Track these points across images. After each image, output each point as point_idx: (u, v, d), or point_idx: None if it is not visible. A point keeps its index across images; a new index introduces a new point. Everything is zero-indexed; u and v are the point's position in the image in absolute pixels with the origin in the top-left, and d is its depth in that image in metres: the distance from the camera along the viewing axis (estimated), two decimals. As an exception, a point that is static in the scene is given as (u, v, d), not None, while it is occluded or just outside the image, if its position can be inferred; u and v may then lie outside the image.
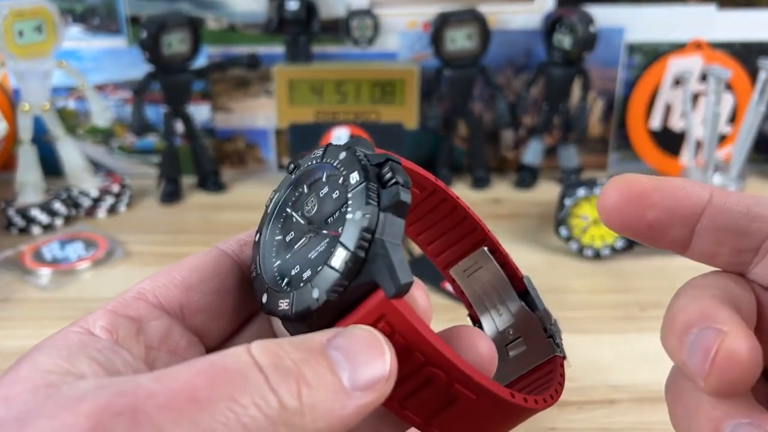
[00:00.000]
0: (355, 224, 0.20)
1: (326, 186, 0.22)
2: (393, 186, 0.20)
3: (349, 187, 0.21)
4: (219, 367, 0.17)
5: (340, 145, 0.22)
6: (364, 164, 0.21)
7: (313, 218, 0.22)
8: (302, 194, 0.23)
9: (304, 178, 0.23)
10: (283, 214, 0.23)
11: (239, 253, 0.24)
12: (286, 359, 0.18)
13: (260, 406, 0.17)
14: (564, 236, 0.70)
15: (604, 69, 0.90)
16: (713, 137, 0.81)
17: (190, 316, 0.22)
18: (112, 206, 0.83)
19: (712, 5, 0.87)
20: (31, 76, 0.78)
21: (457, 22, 0.82)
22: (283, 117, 0.87)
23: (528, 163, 0.90)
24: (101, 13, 0.88)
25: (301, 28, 0.86)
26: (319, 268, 0.20)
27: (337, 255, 0.20)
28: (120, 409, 0.16)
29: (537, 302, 0.28)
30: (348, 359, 0.18)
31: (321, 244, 0.21)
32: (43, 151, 0.82)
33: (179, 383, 0.17)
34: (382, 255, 0.19)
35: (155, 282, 0.22)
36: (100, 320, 0.21)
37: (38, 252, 0.71)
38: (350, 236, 0.20)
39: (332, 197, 0.22)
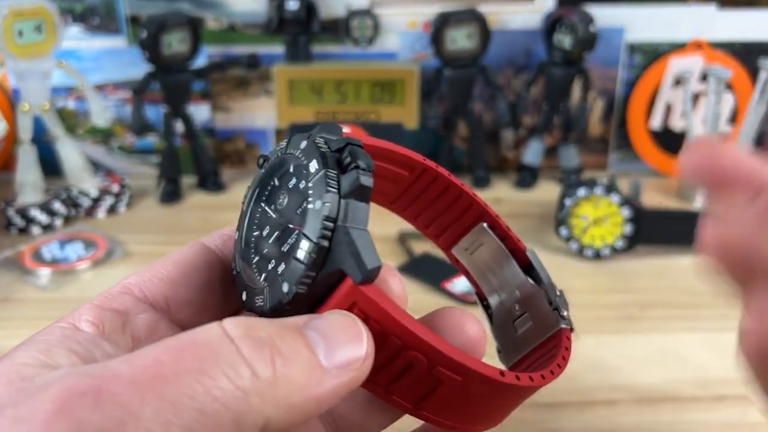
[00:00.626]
0: (316, 214, 0.19)
1: (294, 177, 0.22)
2: (353, 170, 0.20)
3: (309, 176, 0.20)
4: (187, 341, 0.17)
5: (302, 134, 0.22)
6: (323, 151, 0.20)
7: (283, 211, 0.22)
8: (274, 187, 0.23)
9: (274, 171, 0.23)
10: (258, 210, 0.23)
11: (222, 248, 0.24)
12: (260, 331, 0.18)
13: (231, 377, 0.16)
14: (564, 236, 0.70)
15: (605, 69, 0.90)
16: (713, 137, 0.81)
17: (175, 310, 0.22)
18: (112, 206, 0.83)
19: (712, 5, 0.87)
20: (30, 76, 0.78)
21: (457, 22, 0.82)
22: (283, 117, 0.87)
23: (528, 163, 0.90)
24: (101, 12, 0.88)
25: (301, 28, 0.86)
26: (292, 256, 0.20)
27: (301, 247, 0.19)
28: (84, 390, 0.16)
29: (541, 275, 0.27)
30: (324, 338, 0.18)
31: (291, 237, 0.21)
32: (43, 151, 0.82)
33: (146, 360, 0.16)
34: (346, 242, 0.19)
35: (141, 277, 0.23)
36: (86, 314, 0.21)
37: (38, 252, 0.71)
38: (312, 227, 0.19)
39: (299, 189, 0.21)
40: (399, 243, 0.72)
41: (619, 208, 0.68)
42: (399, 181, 0.26)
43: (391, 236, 0.73)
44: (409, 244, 0.71)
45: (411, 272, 0.66)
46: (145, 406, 0.15)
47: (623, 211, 0.68)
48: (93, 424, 0.15)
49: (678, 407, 0.48)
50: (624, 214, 0.68)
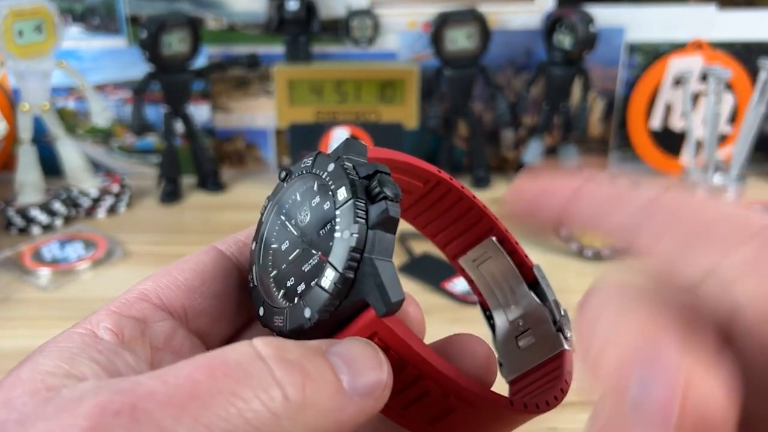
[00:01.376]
0: (343, 243, 0.19)
1: (317, 196, 0.22)
2: (381, 201, 0.20)
3: (337, 204, 0.20)
4: (219, 360, 0.17)
5: (329, 155, 0.22)
6: (351, 178, 0.20)
7: (305, 229, 0.22)
8: (295, 202, 0.23)
9: (297, 186, 0.23)
10: (277, 222, 0.23)
11: (238, 255, 0.24)
12: (290, 353, 0.18)
13: (263, 400, 0.16)
14: (564, 236, 0.70)
15: (605, 69, 0.90)
16: (713, 137, 0.81)
17: (193, 319, 0.22)
18: (112, 206, 0.83)
19: (712, 5, 0.87)
20: (30, 76, 0.78)
21: (457, 22, 0.82)
22: (283, 117, 0.87)
23: (528, 162, 0.90)
24: (101, 12, 0.88)
25: (301, 28, 0.86)
26: (312, 283, 0.20)
27: (326, 276, 0.20)
28: (118, 407, 0.15)
29: (547, 293, 0.27)
30: (347, 365, 0.18)
31: (314, 258, 0.21)
32: (43, 151, 0.82)
33: (179, 379, 0.16)
34: (371, 274, 0.19)
35: (157, 283, 0.22)
36: (105, 321, 0.20)
37: (38, 252, 0.71)
38: (339, 256, 0.19)
39: (323, 208, 0.21)
40: (399, 243, 0.72)
41: (619, 208, 0.68)
42: (413, 191, 0.26)
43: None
44: (409, 244, 0.71)
45: (411, 272, 0.66)
46: (179, 427, 0.15)
47: (623, 211, 0.68)
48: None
49: (678, 407, 0.48)
50: (624, 214, 0.68)
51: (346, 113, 0.86)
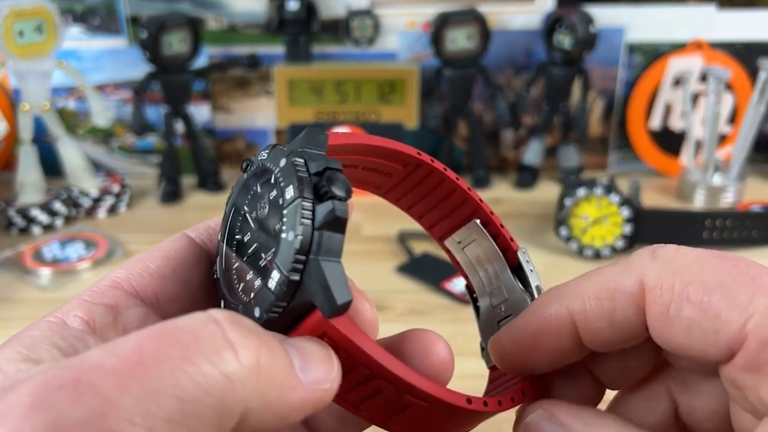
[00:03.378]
0: (287, 245, 0.19)
1: (274, 189, 0.21)
2: (328, 200, 0.19)
3: (285, 203, 0.20)
4: (170, 327, 0.16)
5: (282, 149, 0.21)
6: (300, 176, 0.20)
7: (263, 223, 0.21)
8: (256, 194, 0.22)
9: (257, 177, 0.22)
10: (240, 214, 0.23)
11: (208, 242, 0.24)
12: (245, 321, 0.17)
13: (215, 362, 0.16)
14: (564, 236, 0.70)
15: (605, 69, 0.90)
16: (713, 137, 0.81)
17: (165, 305, 0.22)
18: (112, 206, 0.83)
19: (712, 5, 0.87)
20: (31, 76, 0.78)
21: (457, 22, 0.82)
22: (283, 117, 0.87)
23: (528, 163, 0.90)
24: (101, 13, 0.88)
25: (301, 29, 0.86)
26: (263, 283, 0.20)
27: (272, 277, 0.19)
28: (62, 382, 0.15)
29: (530, 278, 0.26)
30: (299, 353, 0.18)
31: (268, 254, 0.20)
32: (44, 151, 0.82)
33: (127, 349, 0.16)
34: (317, 276, 0.19)
35: (129, 270, 0.22)
36: (76, 309, 0.20)
37: (38, 252, 0.71)
38: (284, 258, 0.19)
39: (278, 203, 0.21)
40: (399, 243, 0.72)
41: (619, 208, 0.68)
42: (393, 174, 0.26)
43: (392, 236, 0.73)
44: (409, 243, 0.71)
45: (411, 272, 0.66)
46: (125, 396, 0.15)
47: (623, 211, 0.68)
48: (71, 416, 0.14)
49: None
50: (624, 214, 0.68)
51: (346, 113, 0.86)
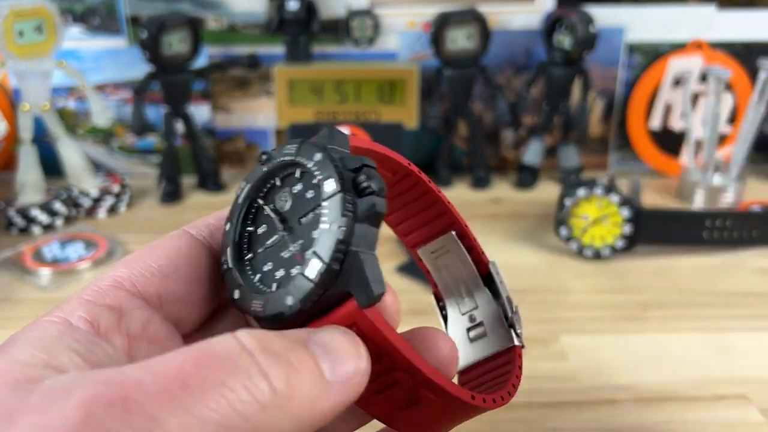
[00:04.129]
0: (330, 235, 0.20)
1: (300, 183, 0.22)
2: (369, 196, 0.20)
3: (324, 195, 0.20)
4: (207, 352, 0.17)
5: (315, 144, 0.22)
6: (339, 171, 0.21)
7: (286, 215, 0.22)
8: (275, 187, 0.23)
9: (277, 171, 0.23)
10: (254, 206, 0.23)
11: (209, 238, 0.24)
12: (274, 344, 0.18)
13: (251, 390, 0.16)
14: (564, 236, 0.70)
15: (605, 69, 0.90)
16: (713, 137, 0.81)
17: (167, 305, 0.22)
18: (113, 206, 0.83)
19: (712, 5, 0.87)
20: (31, 76, 0.78)
21: (458, 22, 0.82)
22: (283, 117, 0.87)
23: (528, 163, 0.90)
24: (101, 13, 0.88)
25: (301, 28, 0.86)
26: (292, 272, 0.21)
27: (311, 266, 0.20)
28: (110, 399, 0.15)
29: (500, 289, 0.28)
30: (328, 354, 0.19)
31: (295, 245, 0.21)
32: (44, 151, 0.82)
33: (168, 370, 0.16)
34: (356, 267, 0.20)
35: (131, 269, 0.22)
36: (79, 310, 0.20)
37: (38, 252, 0.71)
38: (325, 248, 0.20)
39: (306, 197, 0.22)
40: (399, 243, 0.72)
41: (619, 208, 0.68)
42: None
43: (392, 236, 0.73)
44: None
45: (411, 272, 0.66)
46: (171, 418, 0.15)
47: (623, 211, 0.68)
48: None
49: (678, 407, 0.48)
50: (624, 214, 0.68)
51: (346, 113, 0.86)
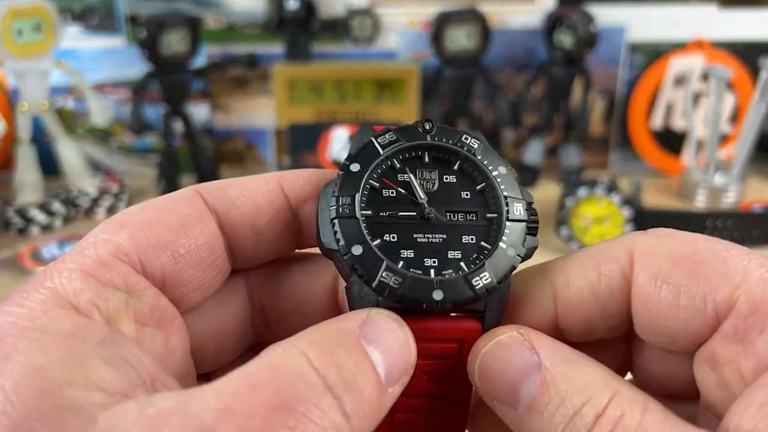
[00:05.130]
0: (506, 258, 0.20)
1: (455, 177, 0.21)
2: (533, 236, 0.21)
3: (507, 215, 0.21)
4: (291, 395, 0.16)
5: (498, 155, 0.22)
6: (526, 200, 0.21)
7: (430, 197, 0.21)
8: (420, 160, 0.22)
9: (433, 148, 0.22)
10: (391, 164, 0.21)
11: (225, 214, 0.21)
12: (344, 364, 0.17)
13: (328, 429, 0.16)
14: (565, 236, 0.69)
15: (606, 68, 0.89)
16: (714, 137, 0.81)
17: (170, 288, 0.20)
18: (111, 206, 0.83)
19: (713, 4, 0.87)
20: (29, 76, 0.77)
21: (458, 21, 0.82)
22: (282, 116, 0.86)
23: (529, 162, 0.89)
24: (100, 12, 0.88)
25: (301, 28, 0.86)
26: (428, 263, 0.20)
27: (480, 276, 0.20)
28: None
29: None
30: (384, 354, 0.18)
31: (434, 236, 0.21)
32: (42, 150, 0.82)
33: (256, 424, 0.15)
34: (501, 296, 0.20)
35: (136, 238, 0.19)
36: (83, 292, 0.18)
37: (37, 252, 0.71)
38: (498, 267, 0.20)
39: (460, 195, 0.21)
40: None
41: (620, 208, 0.68)
42: None
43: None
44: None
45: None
46: None
47: (624, 211, 0.67)
48: None
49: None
50: (625, 213, 0.67)
51: (346, 113, 0.86)
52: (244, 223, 0.21)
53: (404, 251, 0.20)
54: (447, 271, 0.20)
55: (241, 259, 0.22)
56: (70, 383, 0.15)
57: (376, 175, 0.21)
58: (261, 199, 0.21)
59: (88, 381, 0.15)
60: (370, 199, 0.20)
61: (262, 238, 0.22)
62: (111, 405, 0.15)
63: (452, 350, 0.20)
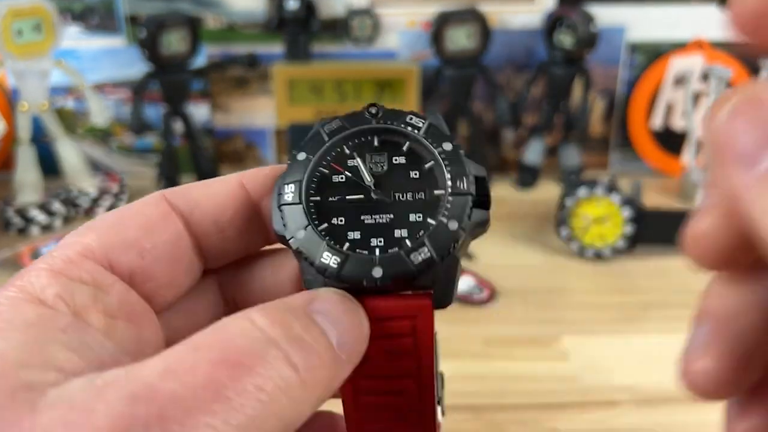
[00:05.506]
0: (447, 232, 0.20)
1: (404, 158, 0.22)
2: (485, 210, 0.21)
3: (451, 189, 0.21)
4: (233, 351, 0.16)
5: (443, 133, 0.22)
6: (469, 174, 0.21)
7: (379, 180, 0.22)
8: (369, 144, 0.22)
9: (380, 131, 0.22)
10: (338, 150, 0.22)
11: (189, 212, 0.22)
12: (293, 327, 0.17)
13: (283, 388, 0.16)
14: (565, 236, 0.69)
15: (606, 68, 0.90)
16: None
17: (139, 284, 0.20)
18: (111, 206, 0.83)
19: (713, 4, 0.87)
20: (29, 76, 0.77)
21: (458, 21, 0.82)
22: (282, 116, 0.86)
23: (529, 162, 0.89)
24: (100, 12, 0.88)
25: (301, 28, 0.86)
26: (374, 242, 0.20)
27: (420, 252, 0.20)
28: (145, 418, 0.14)
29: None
30: (333, 324, 0.18)
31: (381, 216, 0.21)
32: (42, 150, 0.82)
33: (198, 378, 0.15)
34: (450, 271, 0.20)
35: (102, 238, 0.20)
36: (51, 286, 0.18)
37: (37, 252, 0.71)
38: (438, 242, 0.20)
39: (409, 175, 0.21)
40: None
41: (620, 208, 0.68)
42: None
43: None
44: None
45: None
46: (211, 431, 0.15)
47: (624, 211, 0.68)
48: None
49: (678, 407, 0.48)
50: (625, 214, 0.68)
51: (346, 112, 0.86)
52: (207, 221, 0.22)
53: (351, 233, 0.21)
54: (392, 249, 0.20)
55: (211, 257, 0.23)
56: (27, 364, 0.16)
57: (326, 162, 0.22)
58: (222, 197, 0.22)
59: (44, 363, 0.16)
60: (320, 185, 0.21)
61: (227, 234, 0.23)
62: (64, 382, 0.16)
63: (405, 328, 0.20)
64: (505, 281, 0.64)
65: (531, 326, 0.59)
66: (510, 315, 0.60)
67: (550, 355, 0.55)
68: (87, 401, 0.15)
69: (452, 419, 0.47)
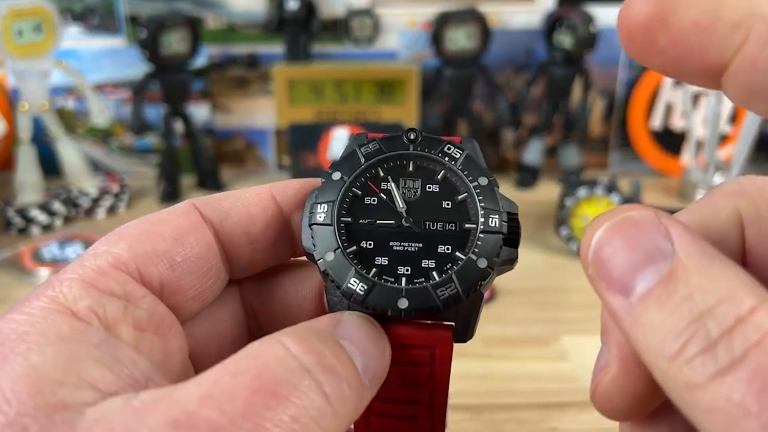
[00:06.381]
0: (474, 269, 0.20)
1: (438, 187, 0.22)
2: (512, 248, 0.21)
3: (483, 226, 0.21)
4: (271, 380, 0.16)
5: (480, 165, 0.22)
6: (503, 212, 0.21)
7: (411, 206, 0.22)
8: (403, 168, 0.22)
9: (416, 157, 0.22)
10: (374, 172, 0.22)
11: (220, 224, 0.22)
12: (325, 355, 0.17)
13: (315, 417, 0.16)
14: (564, 236, 0.69)
15: (605, 68, 0.90)
16: (714, 137, 0.81)
17: (168, 296, 0.21)
18: (112, 206, 0.83)
19: (713, 4, 0.87)
20: (30, 76, 0.78)
21: (458, 21, 0.82)
22: (282, 117, 0.86)
23: (529, 162, 0.89)
24: (100, 12, 0.88)
25: (301, 28, 0.86)
26: (401, 270, 0.21)
27: (447, 287, 0.20)
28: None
29: None
30: (359, 350, 0.18)
31: (410, 245, 0.21)
32: (42, 150, 0.82)
33: (236, 406, 0.15)
34: (473, 307, 0.21)
35: (134, 249, 0.20)
36: (83, 298, 0.18)
37: (37, 252, 0.71)
38: (466, 278, 0.20)
39: (441, 205, 0.21)
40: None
41: (620, 208, 0.68)
42: None
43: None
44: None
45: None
46: None
47: (624, 211, 0.68)
48: None
49: (679, 408, 0.48)
50: (624, 214, 0.68)
51: (346, 113, 0.86)
52: (238, 232, 0.22)
53: (379, 258, 0.21)
54: (419, 279, 0.20)
55: (238, 268, 0.23)
56: (63, 382, 0.16)
57: (360, 183, 0.22)
58: (254, 208, 0.22)
59: (80, 380, 0.16)
60: (352, 206, 0.21)
61: (257, 246, 0.23)
62: (100, 401, 0.16)
63: (424, 357, 0.20)
64: (504, 281, 0.64)
65: (531, 326, 0.59)
66: (510, 315, 0.60)
67: (550, 355, 0.55)
68: (128, 425, 0.15)
69: (452, 419, 0.47)
